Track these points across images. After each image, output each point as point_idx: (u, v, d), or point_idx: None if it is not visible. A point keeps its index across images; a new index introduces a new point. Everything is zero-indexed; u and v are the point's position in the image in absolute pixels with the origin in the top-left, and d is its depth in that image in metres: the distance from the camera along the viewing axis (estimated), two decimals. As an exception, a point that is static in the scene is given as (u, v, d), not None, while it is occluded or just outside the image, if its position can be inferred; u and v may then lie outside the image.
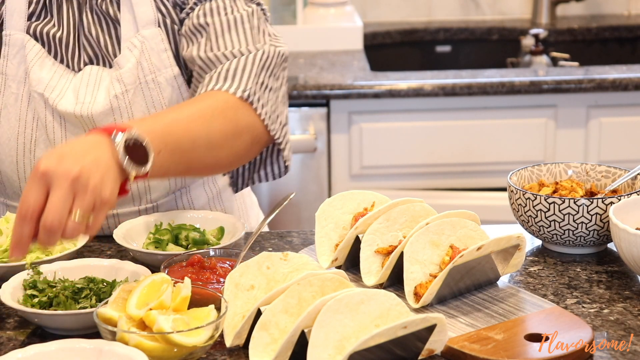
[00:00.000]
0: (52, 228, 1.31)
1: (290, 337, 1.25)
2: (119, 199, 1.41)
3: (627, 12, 3.73)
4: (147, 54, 1.70)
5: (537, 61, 3.40)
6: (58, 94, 1.70)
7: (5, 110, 1.72)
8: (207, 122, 1.58)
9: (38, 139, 1.72)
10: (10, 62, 1.72)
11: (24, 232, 1.33)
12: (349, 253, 1.55)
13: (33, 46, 1.71)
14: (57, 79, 1.71)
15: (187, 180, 1.82)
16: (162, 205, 1.80)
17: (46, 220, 1.31)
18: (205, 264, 1.50)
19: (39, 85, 1.70)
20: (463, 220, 1.50)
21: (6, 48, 1.72)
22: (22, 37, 1.71)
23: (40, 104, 1.70)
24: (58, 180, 1.32)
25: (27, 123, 1.71)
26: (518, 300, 1.46)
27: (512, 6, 3.70)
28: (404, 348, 1.26)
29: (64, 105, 1.69)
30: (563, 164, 1.76)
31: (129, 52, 1.70)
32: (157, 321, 1.26)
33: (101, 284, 1.46)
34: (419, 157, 3.03)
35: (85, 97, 1.70)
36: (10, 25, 1.71)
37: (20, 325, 1.44)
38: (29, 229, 1.33)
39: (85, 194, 1.33)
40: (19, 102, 1.72)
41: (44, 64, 1.71)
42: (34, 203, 1.32)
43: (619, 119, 3.04)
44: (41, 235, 1.33)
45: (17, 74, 1.71)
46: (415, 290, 1.44)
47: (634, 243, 1.48)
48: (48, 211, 1.31)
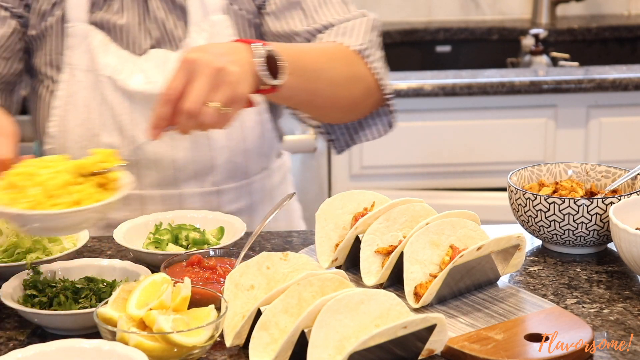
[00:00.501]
0: (190, 112, 1.42)
1: (290, 337, 1.25)
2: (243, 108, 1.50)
3: (627, 12, 3.73)
4: (215, 39, 1.78)
5: (537, 61, 3.40)
6: (127, 76, 1.77)
7: (72, 98, 1.78)
8: (330, 60, 1.69)
9: (104, 124, 1.78)
10: (74, 52, 1.78)
11: (163, 113, 1.45)
12: (349, 253, 1.55)
13: (96, 35, 1.78)
14: (123, 62, 1.78)
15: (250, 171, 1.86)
16: (225, 193, 1.85)
17: (185, 104, 1.42)
18: (205, 264, 1.50)
19: (106, 69, 1.77)
20: (463, 220, 1.50)
21: (70, 39, 1.79)
22: (85, 27, 1.78)
23: (109, 87, 1.77)
24: (202, 70, 1.44)
25: (94, 109, 1.78)
26: (518, 300, 1.46)
27: (512, 6, 3.70)
28: (404, 348, 1.26)
29: (134, 85, 1.77)
30: (563, 164, 1.76)
31: (197, 35, 1.78)
32: (157, 321, 1.26)
33: (101, 284, 1.46)
34: (419, 157, 3.03)
35: (156, 76, 1.77)
36: (73, 17, 1.78)
37: (20, 325, 1.44)
38: (168, 110, 1.45)
39: (225, 87, 1.44)
40: (85, 89, 1.79)
41: (108, 50, 1.78)
42: (176, 88, 1.44)
43: (619, 119, 3.04)
44: (180, 119, 1.44)
45: (81, 63, 1.78)
46: (415, 290, 1.44)
47: (634, 243, 1.48)
48: (189, 96, 1.42)
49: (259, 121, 1.85)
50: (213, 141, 1.80)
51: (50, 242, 1.58)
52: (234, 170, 1.86)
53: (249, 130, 1.83)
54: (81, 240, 1.61)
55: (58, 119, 1.81)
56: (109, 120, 1.78)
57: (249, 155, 1.86)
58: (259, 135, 1.86)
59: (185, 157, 1.81)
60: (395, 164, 3.04)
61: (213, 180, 1.85)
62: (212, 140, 1.80)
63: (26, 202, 1.40)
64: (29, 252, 1.55)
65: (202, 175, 1.83)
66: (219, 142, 1.81)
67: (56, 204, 1.41)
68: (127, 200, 1.66)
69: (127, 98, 1.78)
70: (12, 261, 1.54)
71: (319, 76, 1.67)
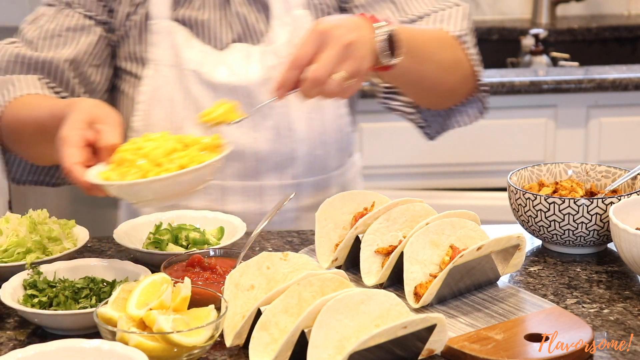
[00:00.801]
0: (316, 79, 1.47)
1: (290, 337, 1.25)
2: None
3: (627, 12, 3.73)
4: (298, 32, 1.81)
5: (537, 61, 3.40)
6: (211, 69, 1.81)
7: (157, 93, 1.82)
8: (438, 44, 1.75)
9: (188, 117, 1.81)
10: (159, 48, 1.83)
11: (290, 77, 1.50)
12: (349, 253, 1.55)
13: (180, 30, 1.82)
14: (206, 56, 1.82)
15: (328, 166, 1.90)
16: (304, 186, 1.88)
17: (313, 71, 1.47)
18: (205, 264, 1.50)
19: (191, 63, 1.82)
20: (463, 220, 1.50)
21: (154, 36, 1.83)
22: (169, 24, 1.83)
23: (193, 81, 1.81)
24: (333, 41, 1.48)
25: (177, 103, 1.82)
26: (518, 300, 1.46)
27: (512, 6, 3.70)
28: (404, 348, 1.26)
29: (219, 78, 1.81)
30: (563, 164, 1.76)
31: (280, 29, 1.84)
32: (157, 321, 1.26)
33: (101, 284, 1.46)
34: (419, 157, 3.03)
35: (239, 69, 1.81)
36: (156, 14, 1.83)
37: (20, 325, 1.44)
38: (295, 75, 1.50)
39: (352, 61, 1.49)
40: (170, 84, 1.83)
41: (191, 45, 1.82)
42: (306, 55, 1.49)
43: (619, 119, 3.04)
44: (305, 84, 1.49)
45: (165, 58, 1.82)
46: (415, 290, 1.44)
47: (634, 243, 1.48)
48: (318, 64, 1.47)
49: (339, 115, 1.90)
50: (294, 132, 1.84)
51: (50, 242, 1.59)
52: (314, 163, 1.89)
53: (329, 122, 1.87)
54: (81, 240, 1.61)
55: (142, 114, 1.85)
56: (193, 114, 1.81)
57: (328, 149, 1.90)
58: (337, 129, 1.90)
59: (268, 148, 1.85)
60: (395, 164, 3.04)
61: (293, 173, 1.88)
62: (294, 131, 1.84)
63: (134, 173, 1.43)
64: (29, 252, 1.55)
65: (283, 167, 1.87)
66: (300, 133, 1.85)
67: (163, 171, 1.43)
68: (208, 190, 1.73)
69: (212, 91, 1.82)
70: (12, 261, 1.54)
71: (429, 58, 1.72)
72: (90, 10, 1.85)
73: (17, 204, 2.92)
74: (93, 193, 1.46)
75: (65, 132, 1.48)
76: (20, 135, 1.73)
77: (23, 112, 1.71)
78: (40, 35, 1.83)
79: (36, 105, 1.71)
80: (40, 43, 1.83)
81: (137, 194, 1.44)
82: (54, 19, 1.84)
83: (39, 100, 1.73)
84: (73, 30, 1.83)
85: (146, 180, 1.42)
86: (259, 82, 1.82)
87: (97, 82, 1.86)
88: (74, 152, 1.46)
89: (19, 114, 1.72)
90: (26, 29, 1.86)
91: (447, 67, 1.77)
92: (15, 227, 1.58)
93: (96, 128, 1.48)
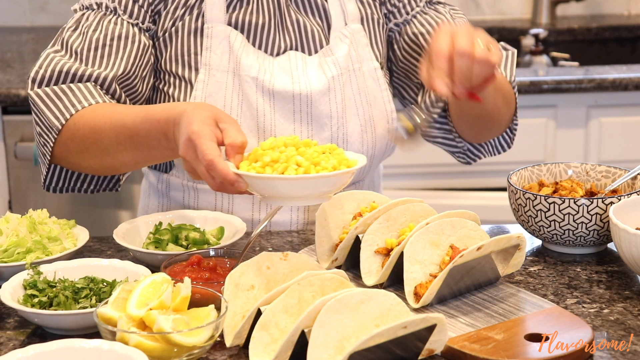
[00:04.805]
0: (464, 52, 1.51)
1: (290, 337, 1.25)
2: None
3: (627, 12, 3.73)
4: (355, 45, 1.83)
5: (537, 61, 3.40)
6: (272, 76, 1.78)
7: (210, 99, 1.78)
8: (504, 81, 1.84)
9: (243, 124, 1.78)
10: (213, 53, 1.79)
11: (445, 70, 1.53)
12: (349, 253, 1.55)
13: (236, 36, 1.79)
14: (264, 63, 1.80)
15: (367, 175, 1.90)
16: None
17: (478, 52, 1.52)
18: (205, 264, 1.50)
19: (250, 70, 1.78)
20: (463, 220, 1.50)
21: (209, 40, 1.79)
22: (224, 29, 1.79)
23: (251, 88, 1.78)
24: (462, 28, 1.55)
25: (232, 109, 1.78)
26: (518, 300, 1.46)
27: (512, 6, 3.70)
28: (404, 348, 1.26)
29: (281, 85, 1.78)
30: (563, 164, 1.76)
31: (340, 42, 1.83)
32: (157, 321, 1.26)
33: (101, 284, 1.46)
34: (419, 157, 3.03)
35: (301, 77, 1.79)
36: (211, 18, 1.79)
37: (20, 325, 1.44)
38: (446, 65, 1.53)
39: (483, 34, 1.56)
40: (223, 89, 1.79)
41: (247, 51, 1.79)
42: (448, 45, 1.52)
43: (619, 119, 3.04)
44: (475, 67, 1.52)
45: (220, 64, 1.79)
46: (415, 290, 1.44)
47: (634, 243, 1.48)
48: (474, 46, 1.52)
49: (388, 129, 1.88)
50: (349, 145, 1.82)
51: (50, 242, 1.59)
52: (359, 175, 1.88)
53: (379, 137, 1.85)
54: (81, 240, 1.62)
55: None
56: (248, 121, 1.78)
57: (374, 162, 1.89)
58: (386, 143, 1.88)
59: None
60: (396, 164, 3.04)
61: None
62: (349, 144, 1.82)
63: (295, 170, 1.43)
64: (29, 252, 1.55)
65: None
66: (353, 146, 1.83)
67: (321, 169, 1.44)
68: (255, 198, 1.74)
69: (270, 98, 1.78)
70: (12, 261, 1.54)
71: (501, 91, 1.79)
72: (136, 18, 1.78)
73: (17, 204, 2.92)
74: (231, 188, 1.44)
75: (197, 127, 1.46)
76: (91, 145, 1.67)
77: (103, 120, 1.66)
78: (85, 46, 1.76)
79: (121, 112, 1.65)
80: (86, 55, 1.75)
81: (294, 189, 1.43)
82: (99, 26, 1.77)
83: (123, 108, 1.68)
84: (118, 39, 1.76)
85: (311, 176, 1.42)
86: (321, 91, 1.79)
87: (142, 92, 1.80)
88: (213, 145, 1.44)
89: (95, 122, 1.66)
90: (71, 38, 1.78)
91: (507, 101, 1.84)
92: (15, 227, 1.58)
93: (220, 127, 1.48)
